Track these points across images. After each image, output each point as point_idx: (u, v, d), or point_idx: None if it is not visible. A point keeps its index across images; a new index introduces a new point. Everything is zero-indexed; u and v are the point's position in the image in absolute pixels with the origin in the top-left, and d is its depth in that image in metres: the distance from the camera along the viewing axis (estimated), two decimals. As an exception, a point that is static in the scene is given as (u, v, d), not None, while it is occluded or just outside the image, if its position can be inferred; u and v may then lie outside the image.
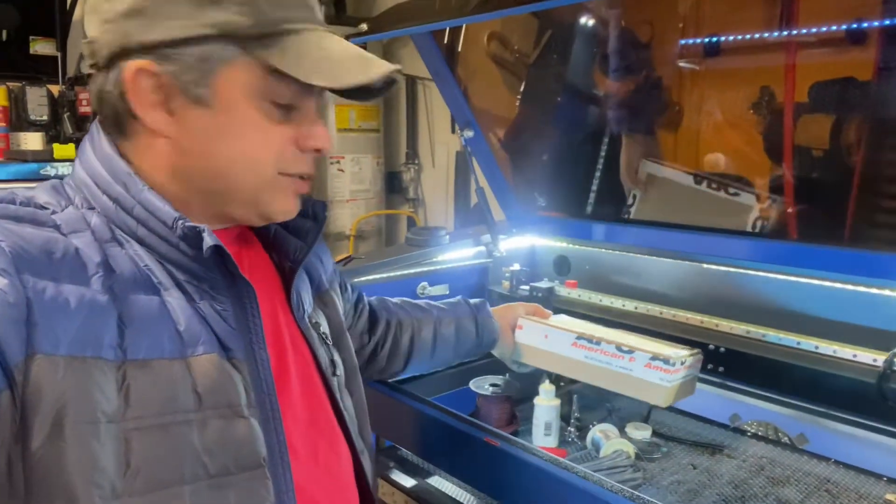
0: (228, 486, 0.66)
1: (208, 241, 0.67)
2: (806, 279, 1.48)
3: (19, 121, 3.14)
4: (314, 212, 0.86)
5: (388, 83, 0.74)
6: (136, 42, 0.66)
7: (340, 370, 0.89)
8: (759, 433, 1.43)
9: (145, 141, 0.70)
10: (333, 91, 0.72)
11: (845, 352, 1.32)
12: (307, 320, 0.85)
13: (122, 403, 0.61)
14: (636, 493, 0.88)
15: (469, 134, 1.80)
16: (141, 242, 0.68)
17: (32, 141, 3.05)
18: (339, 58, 0.70)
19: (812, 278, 1.46)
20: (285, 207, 0.76)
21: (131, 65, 0.66)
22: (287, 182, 0.74)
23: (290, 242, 0.85)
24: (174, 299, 0.67)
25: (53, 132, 3.19)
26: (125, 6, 0.66)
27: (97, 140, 0.72)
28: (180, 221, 0.67)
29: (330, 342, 0.89)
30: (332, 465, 0.82)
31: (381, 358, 1.22)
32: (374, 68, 0.70)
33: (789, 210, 1.67)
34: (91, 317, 0.61)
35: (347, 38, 1.72)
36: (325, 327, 0.89)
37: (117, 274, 0.65)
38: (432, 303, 1.33)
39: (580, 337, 1.31)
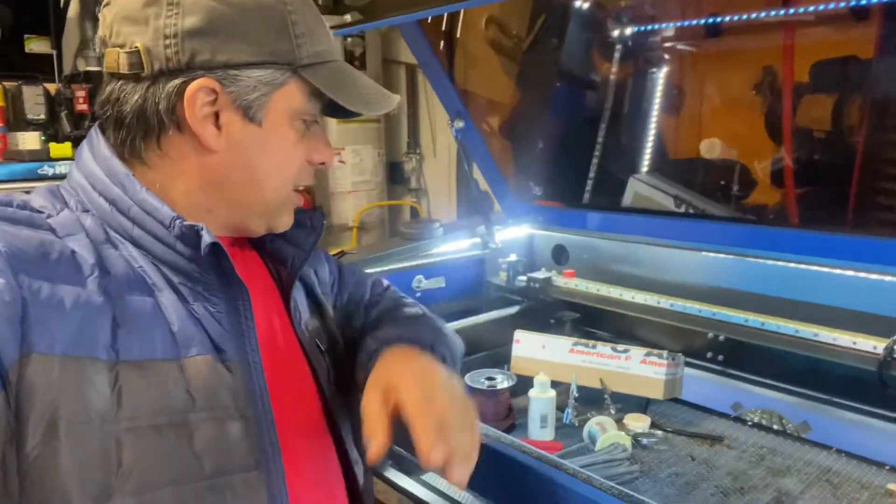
0: (222, 488, 0.66)
1: (206, 238, 0.67)
2: (805, 266, 1.45)
3: (17, 120, 3.14)
4: (311, 221, 0.87)
5: None
6: (201, 61, 0.68)
7: (334, 379, 0.88)
8: (763, 422, 1.41)
9: (179, 152, 0.72)
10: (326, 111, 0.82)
11: (845, 339, 1.29)
12: (304, 328, 0.85)
13: (114, 404, 0.61)
14: (628, 491, 0.86)
15: (460, 125, 1.77)
16: (135, 244, 0.69)
17: (30, 140, 3.04)
18: (366, 88, 0.79)
19: (812, 265, 1.44)
20: (288, 220, 0.81)
21: (195, 83, 0.68)
22: (294, 197, 0.80)
23: (286, 251, 0.86)
24: (168, 300, 0.68)
25: (51, 131, 3.18)
26: (193, 25, 0.67)
27: (96, 143, 0.73)
28: (178, 220, 0.68)
29: (325, 350, 0.88)
30: (324, 473, 0.81)
31: None
32: (392, 99, 0.80)
33: (790, 196, 1.64)
34: (86, 317, 0.61)
35: (335, 27, 1.69)
36: (320, 335, 0.89)
37: (111, 275, 0.65)
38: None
39: (577, 343, 1.42)
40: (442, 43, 1.93)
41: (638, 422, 1.35)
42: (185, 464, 0.64)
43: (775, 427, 1.39)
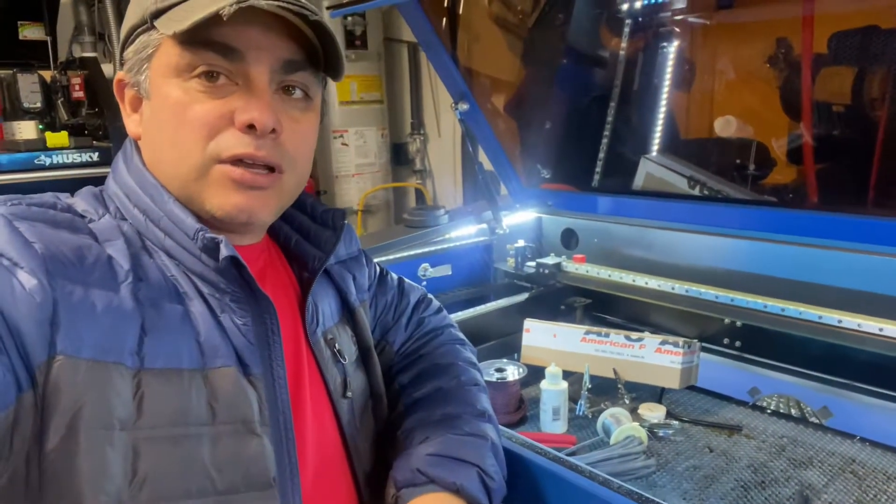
0: None
1: (224, 251, 0.67)
2: (827, 248, 1.40)
3: (13, 109, 3.09)
4: (333, 220, 0.84)
5: (332, 50, 0.71)
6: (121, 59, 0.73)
7: (353, 392, 0.84)
8: (781, 408, 1.37)
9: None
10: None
11: (870, 325, 1.25)
12: (319, 335, 0.81)
13: (134, 411, 0.61)
14: (646, 494, 0.82)
15: (464, 107, 1.71)
16: (168, 253, 0.69)
17: (26, 130, 3.00)
18: (206, 4, 0.64)
19: (833, 248, 1.39)
20: (221, 202, 0.69)
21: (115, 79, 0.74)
22: (221, 171, 0.68)
23: (309, 252, 0.83)
24: (197, 310, 0.67)
25: (48, 119, 3.14)
26: None
27: (130, 154, 0.74)
28: (201, 233, 0.68)
29: (345, 361, 0.84)
30: (334, 491, 0.78)
31: None
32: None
33: (809, 175, 1.58)
34: (116, 322, 0.61)
35: (332, 7, 1.63)
36: (342, 344, 0.84)
37: (145, 282, 0.66)
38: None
39: (588, 332, 1.39)
40: (444, 20, 1.86)
41: (653, 411, 1.31)
42: (200, 477, 0.63)
43: (794, 413, 1.35)
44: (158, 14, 0.67)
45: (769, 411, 1.35)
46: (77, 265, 0.62)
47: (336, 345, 0.83)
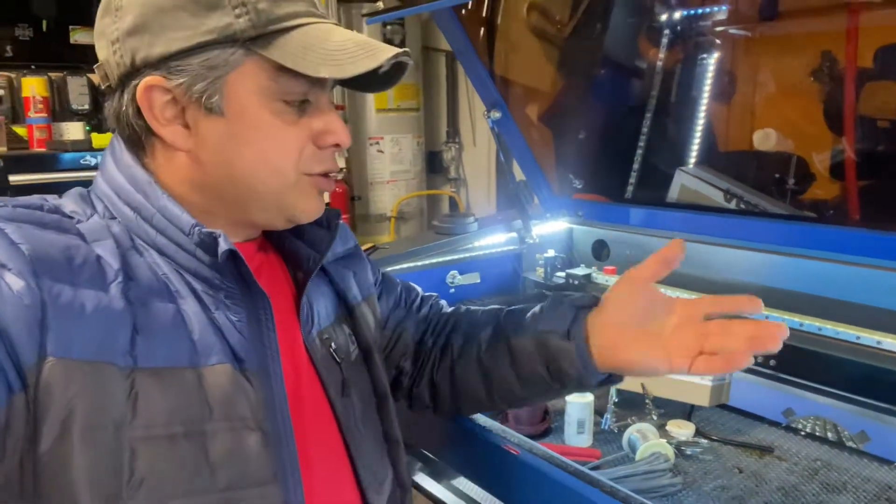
0: (237, 502, 0.65)
1: (223, 245, 0.67)
2: (867, 267, 1.36)
3: (61, 111, 3.20)
4: (328, 220, 0.84)
5: (398, 69, 0.73)
6: (141, 59, 0.67)
7: (353, 392, 0.84)
8: (816, 430, 1.33)
9: (164, 155, 0.71)
10: (344, 84, 0.76)
11: (912, 348, 1.20)
12: (315, 335, 0.82)
13: (129, 411, 0.61)
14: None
15: (496, 115, 1.71)
16: (160, 252, 0.69)
17: (74, 131, 3.10)
18: (343, 47, 0.69)
19: (874, 266, 1.34)
20: (309, 207, 0.76)
21: (142, 83, 0.67)
22: (310, 182, 0.74)
23: (303, 252, 0.83)
24: (190, 308, 0.67)
25: (95, 121, 3.24)
26: (128, 24, 0.67)
27: (118, 152, 0.73)
28: (197, 228, 0.68)
29: (342, 361, 0.84)
30: (339, 490, 0.79)
31: (418, 396, 1.02)
32: (381, 53, 0.68)
33: (851, 191, 1.53)
34: (106, 322, 0.61)
35: (368, 14, 1.65)
36: (339, 344, 0.85)
37: (135, 281, 0.65)
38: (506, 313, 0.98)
39: None
40: (482, 29, 1.87)
41: (681, 429, 1.29)
42: (198, 475, 0.63)
43: (830, 436, 1.31)
44: (255, 38, 0.67)
45: (803, 433, 1.31)
46: (65, 266, 0.61)
47: (332, 344, 0.83)
